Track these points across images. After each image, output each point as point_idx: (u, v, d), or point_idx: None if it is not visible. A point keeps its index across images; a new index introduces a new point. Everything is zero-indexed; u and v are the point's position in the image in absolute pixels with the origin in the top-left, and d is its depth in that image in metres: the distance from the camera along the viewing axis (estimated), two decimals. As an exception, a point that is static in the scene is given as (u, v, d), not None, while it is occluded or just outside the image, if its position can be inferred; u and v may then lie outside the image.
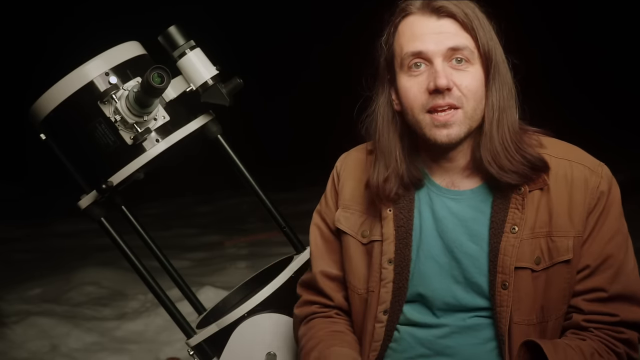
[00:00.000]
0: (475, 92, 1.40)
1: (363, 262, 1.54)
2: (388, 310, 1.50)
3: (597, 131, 7.18)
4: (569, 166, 1.44)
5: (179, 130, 1.60)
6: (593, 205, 1.42)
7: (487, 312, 1.45)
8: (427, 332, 1.49)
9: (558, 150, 1.46)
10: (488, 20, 1.44)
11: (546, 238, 1.41)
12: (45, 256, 6.08)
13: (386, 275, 1.49)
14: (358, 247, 1.55)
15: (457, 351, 1.46)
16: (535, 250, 1.41)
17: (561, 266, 1.41)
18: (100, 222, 1.64)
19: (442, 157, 1.48)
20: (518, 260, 1.40)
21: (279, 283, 1.66)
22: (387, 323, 1.50)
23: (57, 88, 1.54)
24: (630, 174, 5.69)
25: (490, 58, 1.41)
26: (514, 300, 1.40)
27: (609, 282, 1.41)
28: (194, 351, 1.69)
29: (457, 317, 1.47)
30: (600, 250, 1.42)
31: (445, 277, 1.47)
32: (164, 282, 1.78)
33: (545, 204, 1.42)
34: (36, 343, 3.91)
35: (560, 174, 1.43)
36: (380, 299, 1.50)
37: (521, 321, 1.41)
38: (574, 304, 1.43)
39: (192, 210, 8.23)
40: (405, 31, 1.44)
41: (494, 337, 1.44)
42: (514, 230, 1.41)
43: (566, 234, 1.41)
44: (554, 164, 1.44)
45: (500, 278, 1.41)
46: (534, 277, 1.41)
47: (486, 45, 1.40)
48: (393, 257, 1.49)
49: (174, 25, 1.61)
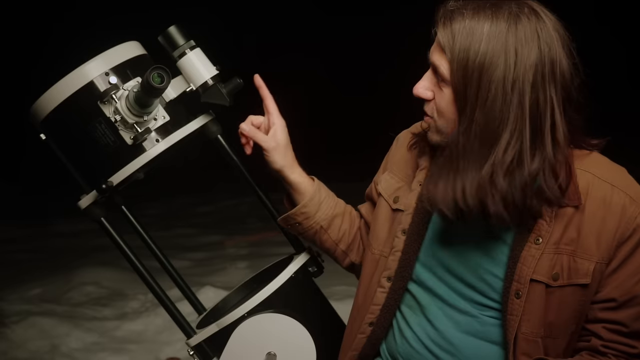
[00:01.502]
0: (442, 112, 1.39)
1: (386, 226, 1.59)
2: (392, 278, 1.53)
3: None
4: (610, 190, 1.38)
5: (179, 130, 1.60)
6: (627, 236, 1.37)
7: (494, 313, 1.45)
8: (432, 322, 1.49)
9: (603, 172, 1.41)
10: (526, 39, 1.29)
11: (569, 256, 1.38)
12: (45, 256, 6.07)
13: (397, 244, 1.54)
14: (387, 210, 1.60)
15: (461, 347, 1.46)
16: (555, 265, 1.38)
17: (577, 288, 1.38)
18: (100, 222, 1.64)
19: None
20: (535, 272, 1.38)
21: (279, 283, 1.66)
22: (389, 291, 1.54)
23: (57, 88, 1.54)
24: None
25: (463, 90, 1.32)
26: (524, 311, 1.39)
27: (633, 320, 1.38)
28: (194, 351, 1.69)
29: (463, 309, 1.47)
30: (629, 286, 1.38)
31: (457, 264, 1.47)
32: (164, 282, 1.78)
33: (577, 223, 1.38)
34: (36, 343, 3.92)
35: (599, 196, 1.38)
36: (387, 265, 1.54)
37: (529, 333, 1.40)
38: (593, 329, 1.41)
39: (192, 210, 8.22)
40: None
41: (499, 341, 1.44)
42: (538, 242, 1.38)
43: (589, 258, 1.37)
44: (596, 185, 1.39)
45: (515, 287, 1.39)
46: (549, 292, 1.39)
47: (458, 76, 1.32)
48: (407, 229, 1.53)
49: (174, 25, 1.61)
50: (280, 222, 1.72)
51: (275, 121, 1.63)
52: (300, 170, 1.66)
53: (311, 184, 1.68)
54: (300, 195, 1.67)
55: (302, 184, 1.66)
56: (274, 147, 1.61)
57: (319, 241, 1.72)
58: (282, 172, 1.64)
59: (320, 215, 1.68)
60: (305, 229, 1.70)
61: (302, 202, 1.66)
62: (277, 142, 1.61)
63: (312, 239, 1.73)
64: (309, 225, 1.69)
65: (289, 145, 1.64)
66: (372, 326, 1.57)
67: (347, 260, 1.76)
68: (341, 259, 1.76)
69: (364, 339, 1.58)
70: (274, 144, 1.61)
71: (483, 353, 1.45)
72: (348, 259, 1.75)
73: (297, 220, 1.68)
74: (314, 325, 1.64)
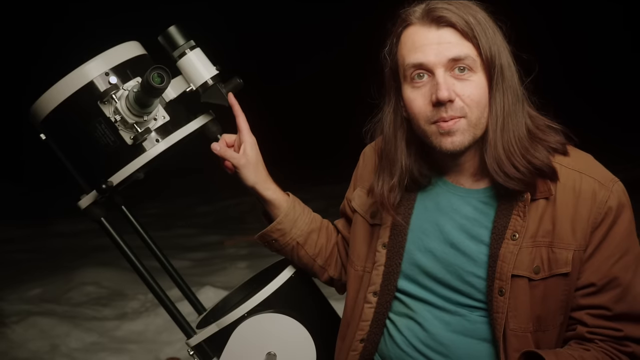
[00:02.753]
0: (478, 101, 1.39)
1: (366, 241, 1.60)
2: (378, 292, 1.54)
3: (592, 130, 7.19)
4: (579, 178, 1.41)
5: (179, 130, 1.60)
6: (599, 221, 1.38)
7: (483, 312, 1.45)
8: (421, 324, 1.50)
9: (570, 161, 1.43)
10: (493, 22, 1.41)
11: (547, 248, 1.39)
12: (45, 256, 6.08)
13: (379, 259, 1.54)
14: (365, 225, 1.61)
15: (452, 348, 1.46)
16: (535, 259, 1.39)
17: (559, 278, 1.39)
18: (100, 222, 1.64)
19: (451, 162, 1.48)
20: (516, 268, 1.39)
21: (279, 283, 1.66)
22: (377, 306, 1.54)
23: (57, 88, 1.54)
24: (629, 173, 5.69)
25: (494, 64, 1.38)
26: (510, 308, 1.39)
27: (614, 302, 1.39)
28: (194, 351, 1.69)
29: (452, 310, 1.47)
30: (607, 269, 1.39)
31: (439, 270, 1.47)
32: (164, 282, 1.78)
33: (550, 214, 1.40)
34: (36, 343, 3.92)
35: (568, 185, 1.40)
36: (371, 280, 1.55)
37: (517, 329, 1.40)
38: (577, 317, 1.42)
39: (192, 210, 8.23)
40: (406, 42, 1.43)
41: (489, 338, 1.44)
42: (515, 237, 1.40)
43: (567, 247, 1.38)
44: (564, 174, 1.41)
45: (498, 284, 1.40)
46: (532, 286, 1.39)
47: (489, 51, 1.38)
48: (386, 242, 1.53)
49: (174, 25, 1.61)
50: (258, 239, 1.72)
51: (246, 139, 1.64)
52: (274, 187, 1.67)
53: (286, 200, 1.68)
54: (276, 209, 1.67)
55: (276, 200, 1.66)
56: (244, 164, 1.62)
57: (296, 257, 1.72)
58: (255, 189, 1.64)
59: (295, 232, 1.68)
60: (282, 245, 1.70)
61: (277, 217, 1.67)
62: (247, 159, 1.62)
63: (290, 255, 1.72)
64: (285, 242, 1.69)
65: (260, 162, 1.64)
66: (363, 342, 1.57)
67: (326, 275, 1.75)
68: (319, 274, 1.75)
69: (356, 356, 1.58)
70: (243, 161, 1.62)
71: (474, 351, 1.45)
72: (326, 274, 1.75)
73: (273, 237, 1.69)
74: (314, 325, 1.64)
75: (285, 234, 1.68)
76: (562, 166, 1.42)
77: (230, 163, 1.63)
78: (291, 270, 1.70)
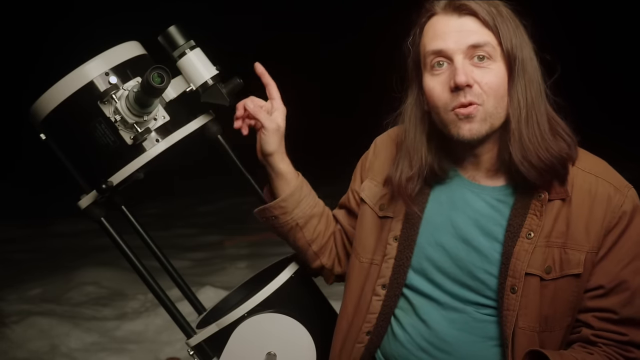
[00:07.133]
0: (496, 90, 1.39)
1: (374, 234, 1.59)
2: (387, 285, 1.53)
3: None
4: (595, 181, 1.42)
5: (179, 130, 1.60)
6: (613, 224, 1.40)
7: (490, 311, 1.45)
8: (425, 322, 1.50)
9: (586, 164, 1.45)
10: (517, 19, 1.43)
11: (560, 249, 1.40)
12: (45, 256, 6.08)
13: (389, 251, 1.54)
14: (373, 217, 1.60)
15: (455, 345, 1.46)
16: (547, 259, 1.40)
17: (570, 279, 1.40)
18: (100, 222, 1.64)
19: (469, 154, 1.48)
20: (529, 266, 1.39)
21: (279, 283, 1.66)
22: (385, 299, 1.54)
23: (57, 88, 1.54)
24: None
25: (514, 55, 1.39)
26: (521, 306, 1.40)
27: (621, 306, 1.40)
28: (194, 351, 1.69)
29: (458, 308, 1.47)
30: (616, 272, 1.40)
31: (450, 265, 1.47)
32: (164, 282, 1.78)
33: (565, 215, 1.41)
34: (36, 343, 3.92)
35: (584, 188, 1.41)
36: (380, 272, 1.54)
37: (526, 327, 1.40)
38: (583, 319, 1.42)
39: (192, 210, 8.24)
40: (428, 31, 1.45)
41: (495, 337, 1.44)
42: (530, 236, 1.40)
43: (580, 248, 1.39)
44: (580, 177, 1.42)
45: (510, 282, 1.40)
46: (543, 285, 1.40)
47: (509, 42, 1.39)
48: (398, 235, 1.52)
49: (174, 25, 1.61)
50: (257, 213, 1.70)
51: (279, 106, 1.63)
52: (288, 162, 1.65)
53: (295, 178, 1.66)
54: (284, 183, 1.65)
55: (288, 174, 1.64)
56: (275, 129, 1.60)
57: (292, 238, 1.70)
58: (272, 157, 1.62)
59: (298, 213, 1.66)
60: (281, 224, 1.68)
61: (283, 194, 1.65)
62: (277, 124, 1.61)
63: (286, 235, 1.70)
64: (285, 221, 1.67)
65: (283, 134, 1.63)
66: (369, 335, 1.56)
67: (318, 262, 1.73)
68: (311, 260, 1.73)
69: (362, 348, 1.57)
70: (275, 125, 1.60)
71: (478, 350, 1.45)
72: (319, 261, 1.73)
73: (274, 213, 1.67)
74: (314, 325, 1.64)
75: (286, 212, 1.66)
76: (578, 169, 1.44)
77: (260, 124, 1.61)
78: (291, 270, 1.70)
